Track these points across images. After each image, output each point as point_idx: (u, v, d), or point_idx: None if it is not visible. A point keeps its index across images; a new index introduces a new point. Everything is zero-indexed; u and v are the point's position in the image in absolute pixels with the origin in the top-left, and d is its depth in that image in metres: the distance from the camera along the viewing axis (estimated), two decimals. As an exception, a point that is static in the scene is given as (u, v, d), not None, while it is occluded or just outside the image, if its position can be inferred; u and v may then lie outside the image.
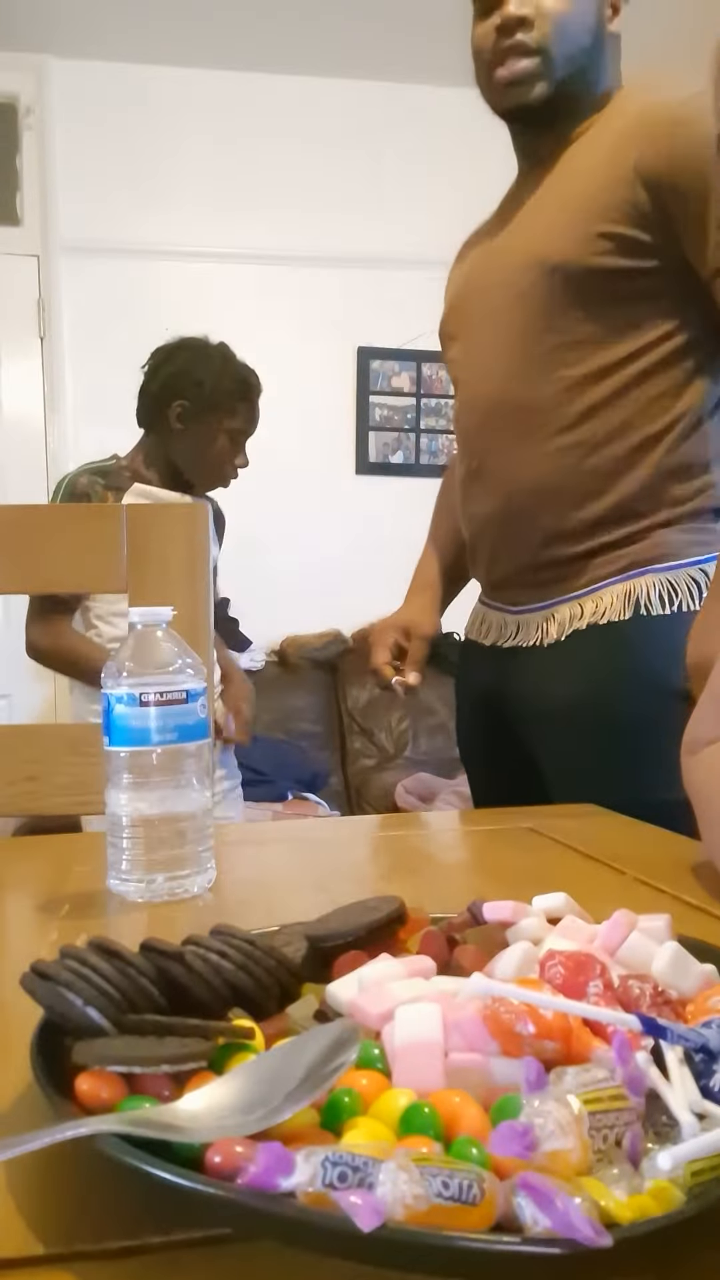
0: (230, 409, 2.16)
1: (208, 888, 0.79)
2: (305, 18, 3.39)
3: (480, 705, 1.49)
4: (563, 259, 1.25)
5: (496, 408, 1.35)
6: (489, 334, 1.36)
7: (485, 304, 1.37)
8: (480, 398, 1.38)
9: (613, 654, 1.29)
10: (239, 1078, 0.38)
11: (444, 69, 3.76)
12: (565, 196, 1.28)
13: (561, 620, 1.33)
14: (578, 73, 1.28)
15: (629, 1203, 0.31)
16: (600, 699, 1.28)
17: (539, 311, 1.29)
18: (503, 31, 1.26)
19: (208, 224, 3.73)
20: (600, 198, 1.23)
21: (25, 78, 3.60)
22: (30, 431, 3.68)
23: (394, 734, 3.62)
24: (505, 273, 1.33)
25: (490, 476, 1.37)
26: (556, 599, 1.34)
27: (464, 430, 1.43)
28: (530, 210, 1.34)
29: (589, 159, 1.27)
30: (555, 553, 1.33)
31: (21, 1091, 0.44)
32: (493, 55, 1.29)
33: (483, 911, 0.52)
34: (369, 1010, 0.42)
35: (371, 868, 0.91)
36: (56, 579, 1.15)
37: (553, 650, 1.34)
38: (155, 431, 2.19)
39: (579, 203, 1.25)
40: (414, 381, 3.93)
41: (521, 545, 1.36)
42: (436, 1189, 0.30)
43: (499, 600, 1.44)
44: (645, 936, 0.48)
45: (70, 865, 0.89)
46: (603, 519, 1.30)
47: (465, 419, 1.43)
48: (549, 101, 1.28)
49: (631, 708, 1.26)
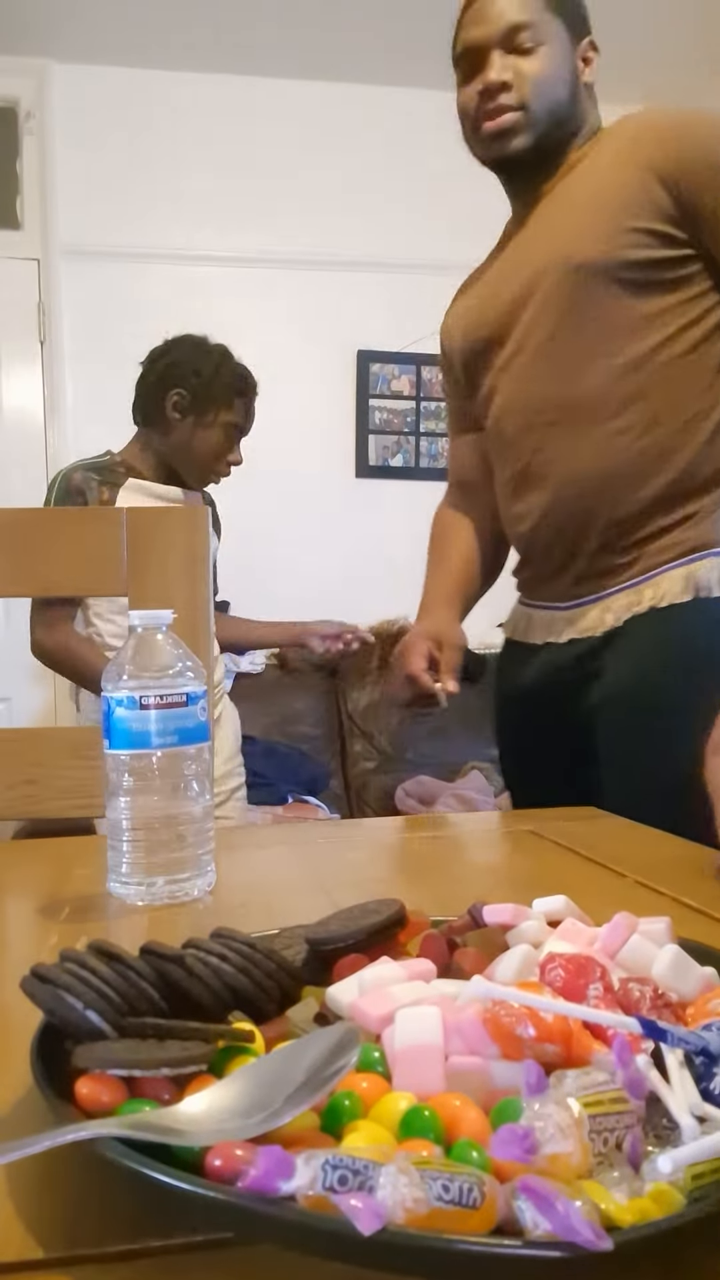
0: (228, 402, 2.16)
1: (208, 891, 0.79)
2: (304, 23, 3.39)
3: (527, 704, 1.49)
4: (593, 255, 1.30)
5: (542, 406, 1.38)
6: (525, 342, 1.40)
7: (515, 316, 1.41)
8: (523, 399, 1.41)
9: (671, 637, 1.31)
10: (239, 1081, 0.38)
11: (444, 74, 3.77)
12: (584, 201, 1.33)
13: (619, 609, 1.35)
14: (556, 124, 1.37)
15: (630, 1206, 0.31)
16: (659, 682, 1.30)
17: (573, 308, 1.32)
18: (485, 95, 1.37)
19: (208, 228, 3.74)
20: (621, 195, 1.28)
21: (26, 82, 3.61)
22: (31, 435, 3.68)
23: (394, 737, 3.62)
24: (532, 279, 1.37)
25: (541, 474, 1.40)
26: (613, 588, 1.36)
27: (506, 436, 1.45)
28: (546, 223, 1.39)
29: (597, 172, 1.34)
30: (614, 540, 1.35)
31: (21, 1095, 0.44)
32: (476, 114, 1.40)
33: (483, 914, 0.52)
34: (369, 1013, 0.42)
35: (371, 871, 0.91)
36: (57, 582, 1.15)
37: (608, 638, 1.36)
38: (151, 424, 2.19)
39: (600, 203, 1.30)
40: (414, 385, 3.93)
41: (579, 536, 1.37)
42: (437, 1192, 0.30)
43: (548, 599, 1.45)
44: (645, 939, 0.48)
45: (70, 868, 0.89)
46: (659, 499, 1.33)
47: (506, 424, 1.45)
48: (532, 150, 1.38)
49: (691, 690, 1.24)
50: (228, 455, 2.21)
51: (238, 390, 2.18)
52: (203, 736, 0.79)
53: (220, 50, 3.56)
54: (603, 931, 0.49)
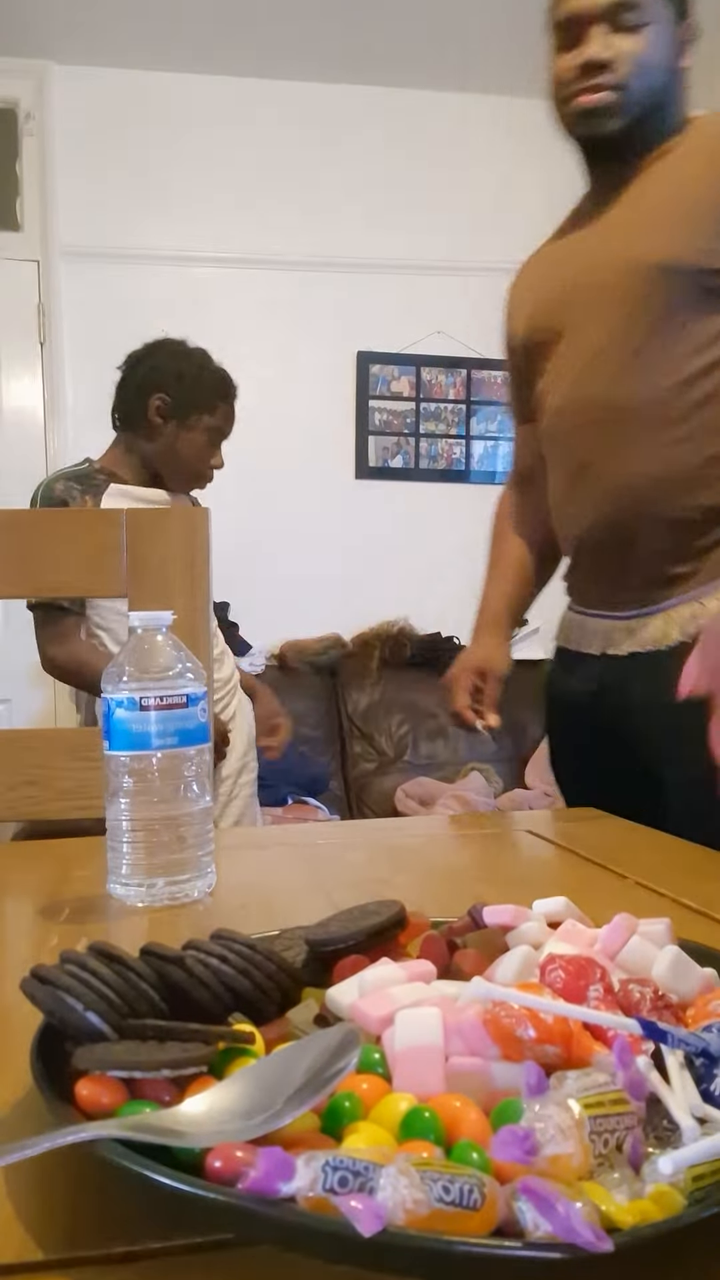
0: (210, 406, 2.15)
1: (208, 892, 0.79)
2: (304, 23, 3.39)
3: (583, 711, 1.46)
4: (672, 260, 1.27)
5: (602, 408, 1.35)
6: (588, 338, 1.37)
7: (581, 310, 1.38)
8: (581, 400, 1.38)
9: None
10: (239, 1082, 0.38)
11: (444, 74, 3.78)
12: (670, 199, 1.31)
13: (682, 620, 1.32)
14: (652, 108, 1.33)
15: (630, 1207, 0.31)
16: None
17: (645, 312, 1.30)
18: (586, 72, 1.31)
19: (207, 229, 3.74)
20: (710, 197, 1.26)
21: (26, 83, 3.61)
22: (30, 436, 3.68)
23: (394, 738, 3.62)
24: (604, 275, 1.34)
25: (598, 477, 1.36)
26: (675, 599, 1.33)
27: (560, 434, 1.42)
28: (626, 215, 1.36)
29: (688, 169, 1.31)
30: (671, 549, 1.33)
31: (21, 1096, 0.44)
32: (573, 88, 1.34)
33: (483, 915, 0.52)
34: (369, 1014, 0.42)
35: (371, 872, 0.91)
36: (57, 584, 1.15)
37: (673, 652, 1.31)
38: (132, 429, 2.17)
39: (689, 204, 1.28)
40: (414, 386, 3.93)
41: (634, 543, 1.35)
42: (437, 1194, 0.30)
43: (603, 607, 1.42)
44: (646, 941, 0.48)
45: (70, 869, 0.89)
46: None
47: (561, 422, 1.41)
48: (623, 133, 1.33)
49: None
50: (211, 459, 2.20)
51: (220, 394, 2.17)
52: (203, 738, 0.79)
53: (220, 52, 3.56)
54: (603, 933, 0.49)
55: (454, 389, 3.94)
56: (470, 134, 3.76)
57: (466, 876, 0.90)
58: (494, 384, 3.90)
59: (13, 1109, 0.43)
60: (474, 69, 3.59)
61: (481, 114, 3.77)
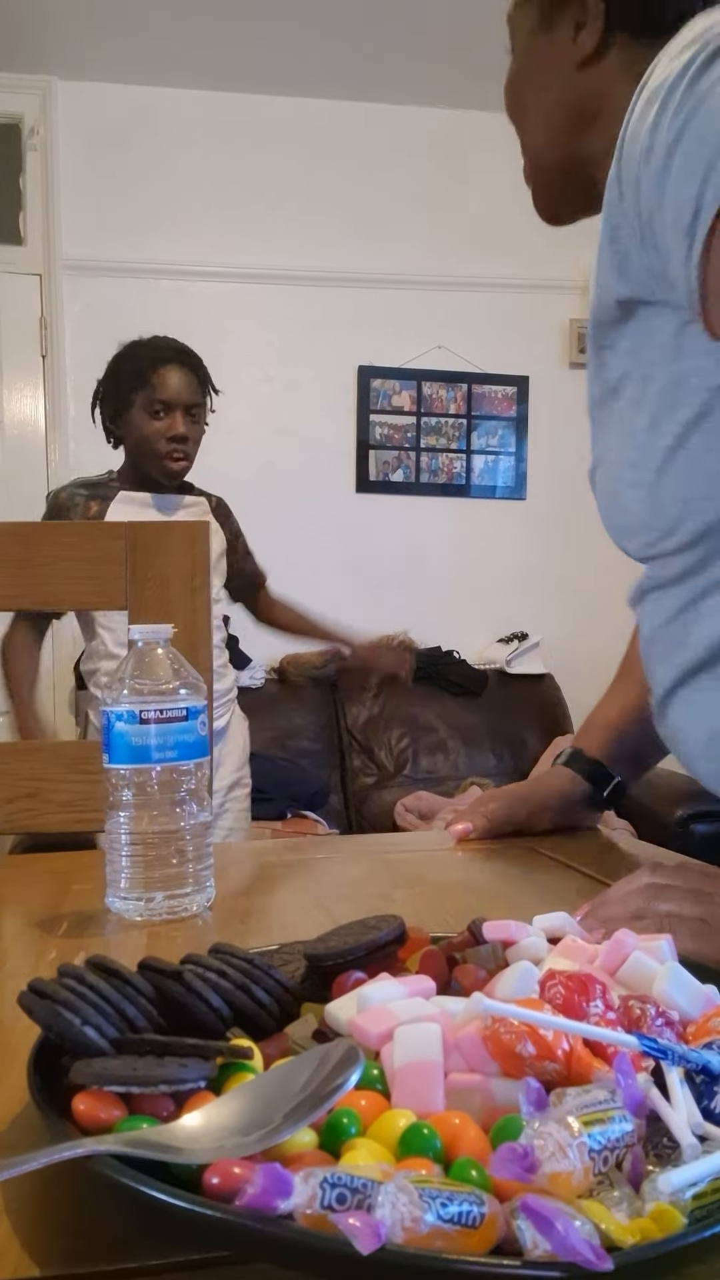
0: (138, 382, 2.19)
1: (207, 906, 0.79)
2: (307, 40, 3.42)
3: None
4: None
5: None
6: None
7: None
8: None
9: None
10: (238, 1098, 0.37)
11: (445, 91, 3.80)
12: None
13: None
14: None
15: (630, 1226, 0.31)
16: None
17: None
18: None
19: (209, 243, 3.75)
20: None
21: (29, 99, 3.63)
22: (32, 449, 3.69)
23: (394, 752, 3.61)
24: None
25: None
26: None
27: None
28: None
29: None
30: None
31: (18, 1111, 0.43)
32: None
33: (483, 931, 0.52)
34: (369, 1030, 0.41)
35: (371, 886, 0.91)
36: (57, 595, 1.15)
37: None
38: (115, 444, 2.31)
39: None
40: (415, 400, 3.94)
41: None
42: (436, 1211, 0.30)
43: None
44: (646, 956, 0.48)
45: (69, 883, 0.88)
46: None
47: None
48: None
49: None
50: (166, 434, 2.19)
51: (145, 366, 2.19)
52: (202, 752, 0.78)
53: (222, 68, 3.59)
54: (603, 948, 0.49)
55: (455, 403, 3.95)
56: (471, 150, 3.78)
57: (466, 891, 0.90)
58: (494, 399, 3.92)
59: (10, 1124, 0.43)
60: (475, 85, 3.61)
61: (482, 130, 3.79)
